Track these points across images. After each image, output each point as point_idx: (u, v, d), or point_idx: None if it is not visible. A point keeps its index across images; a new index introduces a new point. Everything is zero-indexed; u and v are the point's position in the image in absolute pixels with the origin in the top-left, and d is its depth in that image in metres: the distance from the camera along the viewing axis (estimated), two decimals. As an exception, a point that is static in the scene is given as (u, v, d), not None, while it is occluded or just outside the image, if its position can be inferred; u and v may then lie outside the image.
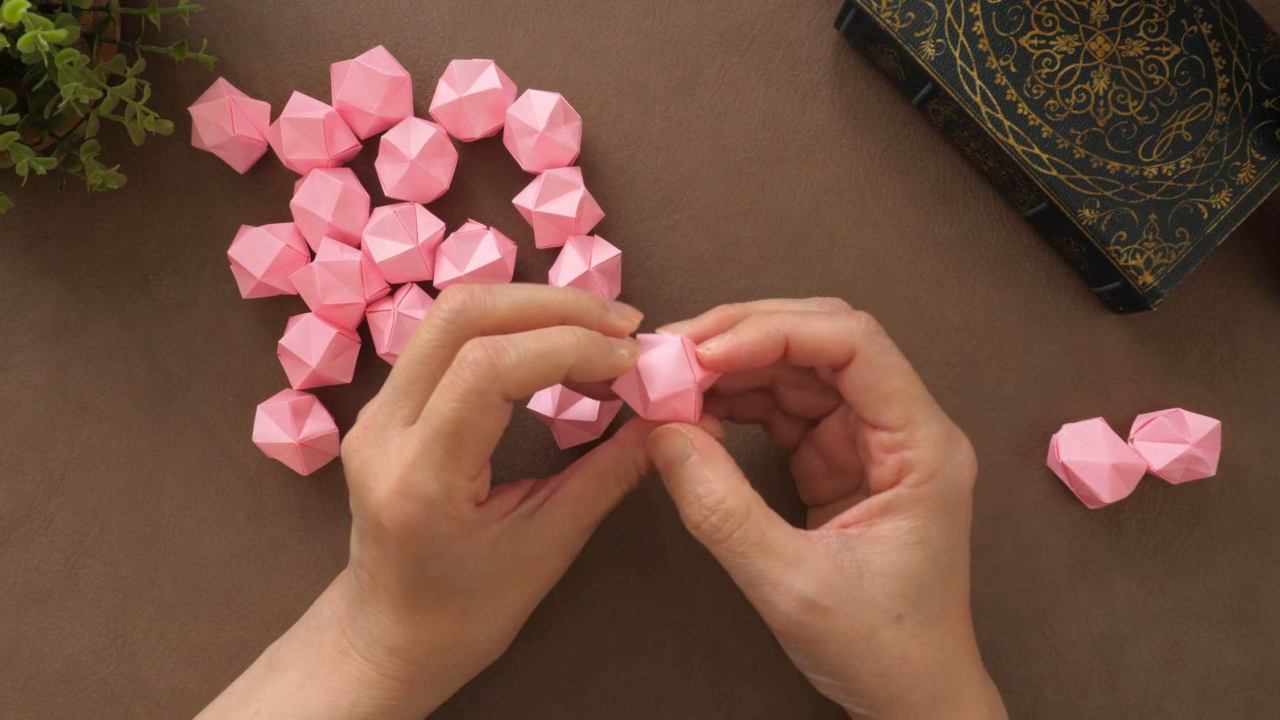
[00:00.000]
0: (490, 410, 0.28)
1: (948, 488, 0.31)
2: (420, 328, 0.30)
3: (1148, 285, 0.38)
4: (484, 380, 0.28)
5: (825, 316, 0.31)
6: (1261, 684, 0.41)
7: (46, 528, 0.39)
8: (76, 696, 0.39)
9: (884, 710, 0.32)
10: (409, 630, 0.32)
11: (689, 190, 0.41)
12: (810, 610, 0.30)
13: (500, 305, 0.30)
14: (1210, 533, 0.41)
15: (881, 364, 0.31)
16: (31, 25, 0.29)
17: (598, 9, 0.41)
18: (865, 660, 0.30)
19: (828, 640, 0.30)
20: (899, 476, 0.31)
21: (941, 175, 0.41)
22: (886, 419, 0.31)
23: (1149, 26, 0.39)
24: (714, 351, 0.31)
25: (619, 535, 0.40)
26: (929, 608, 0.31)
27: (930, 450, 0.31)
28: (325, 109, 0.38)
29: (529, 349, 0.29)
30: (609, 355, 0.30)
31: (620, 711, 0.40)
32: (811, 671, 0.33)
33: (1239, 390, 0.42)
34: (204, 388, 0.40)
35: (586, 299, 0.31)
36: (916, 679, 0.31)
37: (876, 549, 0.31)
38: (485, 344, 0.28)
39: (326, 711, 0.32)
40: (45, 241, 0.40)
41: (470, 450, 0.29)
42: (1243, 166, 0.39)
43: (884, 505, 0.31)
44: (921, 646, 0.31)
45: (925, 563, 0.31)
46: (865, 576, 0.30)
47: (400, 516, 0.29)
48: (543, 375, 0.29)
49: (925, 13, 0.38)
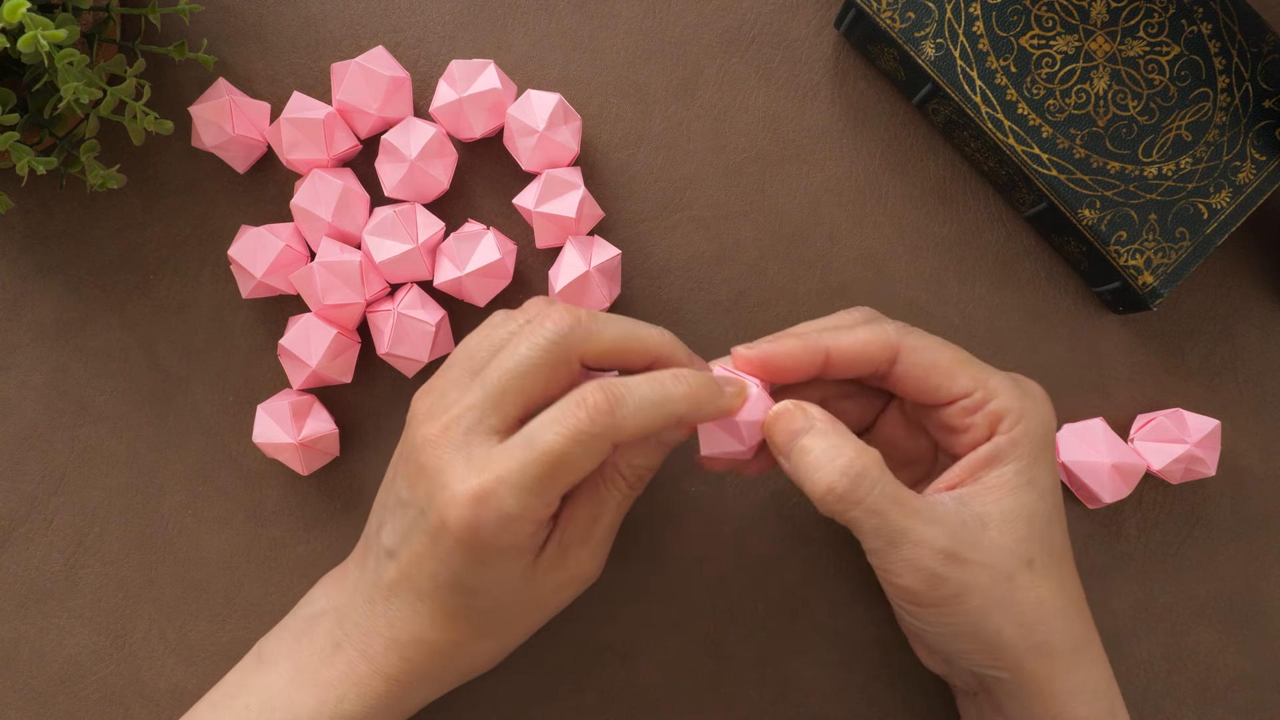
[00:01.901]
0: (595, 454, 0.29)
1: (1039, 423, 0.32)
2: (520, 341, 0.30)
3: (1148, 285, 0.38)
4: (599, 426, 0.28)
5: (860, 326, 0.32)
6: (1261, 684, 0.41)
7: (46, 528, 0.39)
8: (76, 696, 0.39)
9: (1029, 663, 0.31)
10: (419, 629, 0.32)
11: (689, 190, 0.41)
12: (950, 561, 0.30)
13: (604, 335, 0.31)
14: (1210, 533, 0.41)
15: (927, 345, 0.32)
16: (31, 25, 0.29)
17: (598, 9, 0.41)
18: (1007, 608, 0.31)
19: (969, 592, 0.30)
20: (991, 430, 0.32)
21: (941, 175, 0.41)
22: (959, 387, 0.32)
23: (1149, 26, 0.39)
24: (749, 354, 0.32)
25: (619, 535, 0.40)
26: (1053, 549, 0.32)
27: (1010, 397, 0.32)
28: (325, 109, 0.38)
29: (646, 399, 0.29)
30: (719, 400, 0.31)
31: (620, 711, 0.40)
32: (951, 640, 0.32)
33: (1239, 390, 0.42)
34: (204, 388, 0.40)
35: (674, 343, 0.32)
36: (1055, 624, 0.31)
37: (992, 499, 0.31)
38: (605, 388, 0.29)
39: (315, 707, 0.32)
40: (45, 241, 0.40)
41: (561, 484, 0.29)
42: (1243, 166, 0.39)
43: (986, 458, 0.32)
44: (1053, 589, 0.31)
45: (1039, 501, 0.31)
46: (990, 526, 0.31)
47: (470, 521, 0.29)
48: (656, 424, 0.29)
49: (925, 13, 0.38)
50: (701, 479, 0.40)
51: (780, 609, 0.40)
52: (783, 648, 0.40)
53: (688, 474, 0.40)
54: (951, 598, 0.30)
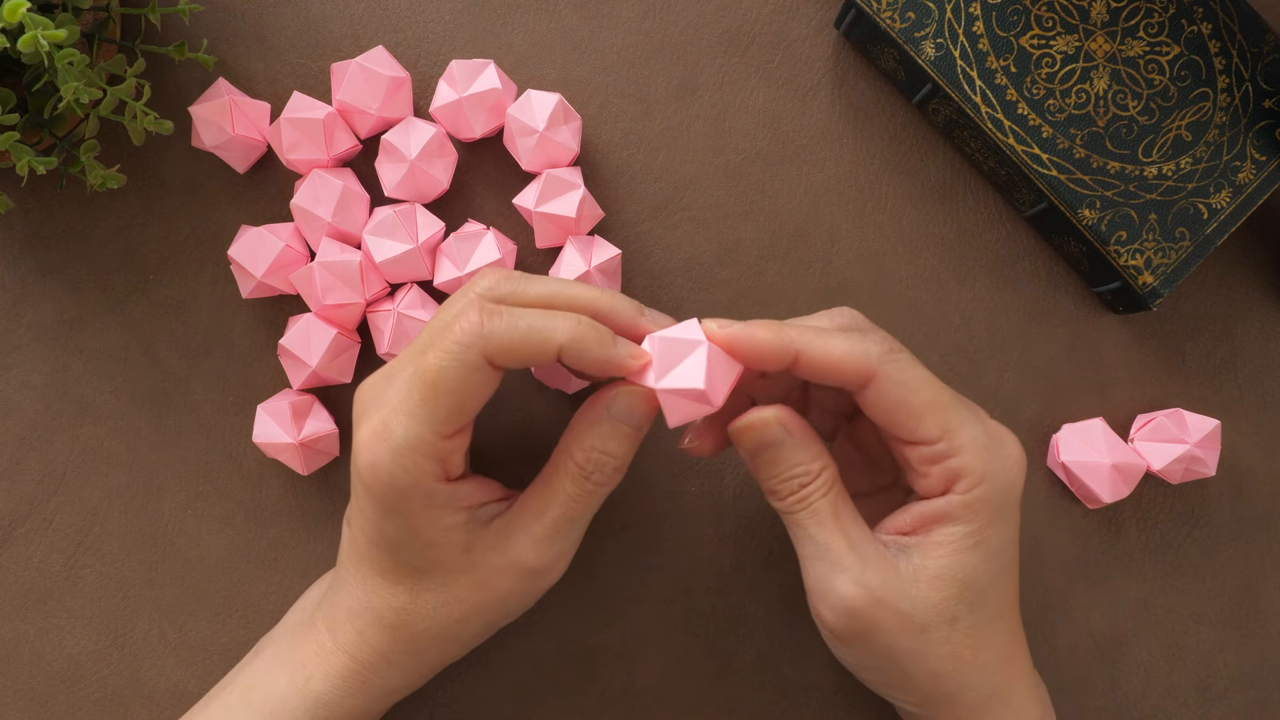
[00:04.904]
0: (470, 368, 0.29)
1: (999, 489, 0.30)
2: (452, 298, 0.31)
3: (1148, 285, 0.38)
4: (469, 336, 0.28)
5: (841, 336, 0.30)
6: (1261, 684, 0.41)
7: (46, 528, 0.39)
8: (76, 696, 0.39)
9: (936, 708, 0.32)
10: (364, 594, 0.32)
11: (689, 190, 0.41)
12: (867, 599, 0.30)
13: (530, 292, 0.30)
14: (1210, 533, 0.41)
15: (904, 380, 0.30)
16: (31, 25, 0.29)
17: (598, 9, 0.41)
18: (916, 658, 0.30)
19: (877, 634, 0.30)
20: (947, 486, 0.31)
21: (941, 175, 0.41)
22: (922, 433, 0.30)
23: (1149, 26, 0.39)
24: (717, 332, 0.30)
25: (619, 535, 0.40)
26: (984, 609, 0.31)
27: (975, 455, 0.30)
28: (325, 109, 0.38)
29: (522, 319, 0.29)
30: (607, 348, 0.29)
31: (620, 711, 0.40)
32: (862, 670, 0.33)
33: (1239, 390, 0.42)
34: (204, 388, 0.40)
35: (622, 301, 0.31)
36: (969, 678, 0.31)
37: (934, 555, 0.30)
38: (484, 307, 0.29)
39: (287, 687, 0.32)
40: (45, 241, 0.40)
41: (443, 403, 0.29)
42: (1243, 166, 0.39)
43: (936, 514, 0.31)
44: (974, 647, 0.31)
45: (981, 564, 0.30)
46: (922, 580, 0.30)
47: (370, 456, 0.29)
48: (530, 348, 0.29)
49: (925, 13, 0.38)
50: (702, 479, 0.40)
51: (780, 609, 0.40)
52: (783, 648, 0.40)
53: (688, 474, 0.40)
54: (859, 635, 0.30)
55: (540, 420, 0.40)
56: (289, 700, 0.32)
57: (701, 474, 0.40)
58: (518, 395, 0.40)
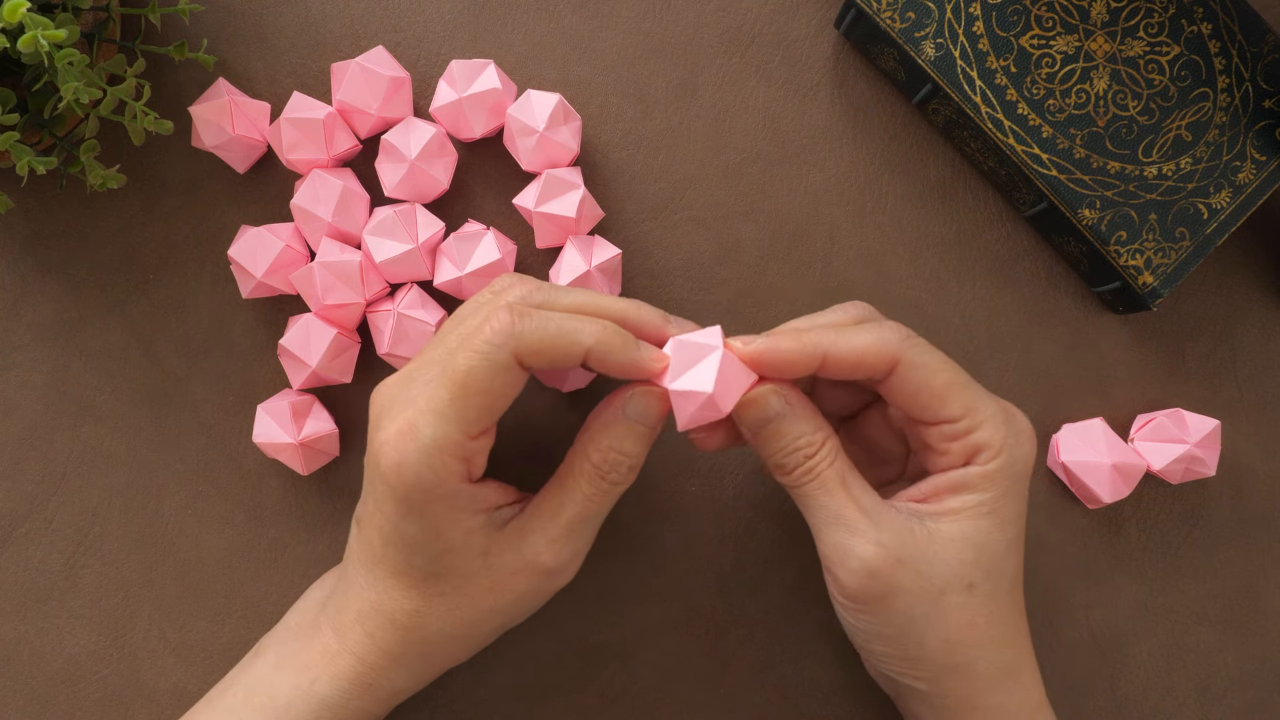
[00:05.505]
0: (500, 368, 0.29)
1: (1015, 461, 0.31)
2: (471, 305, 0.31)
3: (1148, 285, 0.38)
4: (500, 336, 0.29)
5: (860, 329, 0.32)
6: (1261, 684, 0.41)
7: (46, 528, 0.39)
8: (76, 696, 0.39)
9: (947, 679, 0.32)
10: (375, 596, 0.32)
11: (689, 190, 0.41)
12: (884, 560, 0.30)
13: (562, 301, 0.31)
14: (1210, 533, 0.41)
15: (925, 363, 0.31)
16: (31, 25, 0.29)
17: (598, 9, 0.41)
18: (933, 622, 0.31)
19: (897, 596, 0.30)
20: (967, 460, 0.31)
21: (941, 175, 0.41)
22: (947, 413, 0.31)
23: (1149, 26, 0.39)
24: (744, 349, 0.31)
25: (619, 535, 0.40)
26: (1000, 579, 0.31)
27: (994, 430, 0.31)
28: (325, 109, 0.38)
29: (552, 321, 0.29)
30: (631, 351, 0.30)
31: (620, 711, 0.40)
32: (874, 641, 0.33)
33: (1239, 390, 0.42)
34: (204, 388, 0.40)
35: (649, 310, 0.32)
36: (983, 649, 0.31)
37: (948, 520, 0.31)
38: (514, 308, 0.29)
39: (291, 690, 0.32)
40: (45, 241, 0.40)
41: (473, 403, 0.29)
42: (1243, 166, 0.39)
43: (954, 483, 0.31)
44: (989, 616, 0.31)
45: (995, 531, 0.31)
46: (937, 541, 0.31)
47: (395, 456, 0.29)
48: (559, 349, 0.29)
49: (925, 13, 0.38)
50: (702, 479, 0.40)
51: (780, 609, 0.40)
52: (783, 648, 0.40)
53: (688, 474, 0.40)
54: (879, 598, 0.31)
55: (538, 419, 0.40)
56: (294, 704, 0.32)
57: (701, 474, 0.40)
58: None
